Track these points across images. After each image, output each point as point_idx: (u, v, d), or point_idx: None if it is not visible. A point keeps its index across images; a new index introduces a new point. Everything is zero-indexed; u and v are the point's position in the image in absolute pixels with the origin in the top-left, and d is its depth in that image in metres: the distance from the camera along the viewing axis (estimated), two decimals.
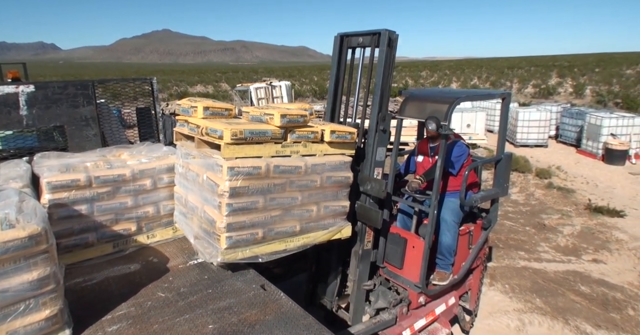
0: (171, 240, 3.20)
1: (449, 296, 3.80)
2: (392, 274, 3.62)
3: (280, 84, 16.45)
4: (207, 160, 2.76)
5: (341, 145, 3.08)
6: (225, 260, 2.66)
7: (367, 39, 3.38)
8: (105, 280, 2.61)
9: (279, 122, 2.73)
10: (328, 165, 2.98)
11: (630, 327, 4.38)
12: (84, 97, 4.03)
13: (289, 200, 2.85)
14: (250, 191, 2.64)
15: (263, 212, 2.74)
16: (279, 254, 2.89)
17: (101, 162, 2.94)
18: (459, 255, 3.67)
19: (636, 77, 35.50)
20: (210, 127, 2.69)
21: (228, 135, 2.54)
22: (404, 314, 3.47)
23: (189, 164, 2.96)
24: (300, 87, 36.86)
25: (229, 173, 2.55)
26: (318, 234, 3.05)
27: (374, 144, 3.30)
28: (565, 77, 38.83)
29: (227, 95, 28.95)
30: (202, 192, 2.81)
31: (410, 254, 3.45)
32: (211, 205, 2.71)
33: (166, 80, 50.76)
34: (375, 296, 3.67)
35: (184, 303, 2.33)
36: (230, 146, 2.58)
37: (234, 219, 2.63)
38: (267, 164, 2.67)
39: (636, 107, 17.22)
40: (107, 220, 2.90)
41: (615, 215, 7.30)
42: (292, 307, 2.33)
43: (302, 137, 2.88)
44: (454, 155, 3.57)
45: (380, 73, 3.22)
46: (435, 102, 3.30)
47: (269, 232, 2.80)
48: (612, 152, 10.61)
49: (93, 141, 4.05)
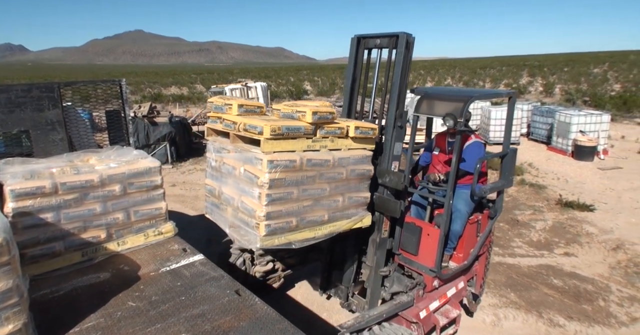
0: (143, 247, 3.12)
1: (459, 280, 4.04)
2: (408, 260, 3.83)
3: (256, 85, 16.32)
4: (244, 154, 2.98)
5: (363, 140, 3.33)
6: (263, 246, 2.92)
7: (385, 41, 3.57)
8: (73, 291, 2.53)
9: (311, 118, 2.96)
10: (352, 158, 3.23)
11: (602, 317, 4.51)
12: (50, 100, 3.88)
13: (319, 191, 3.10)
14: (286, 183, 2.89)
15: (296, 202, 2.99)
16: (308, 241, 3.14)
17: (68, 168, 2.84)
18: (468, 242, 3.92)
19: (603, 76, 36.81)
20: (249, 124, 2.90)
21: (268, 131, 2.76)
22: (420, 296, 3.71)
23: (224, 158, 3.19)
24: (277, 88, 36.73)
25: (269, 166, 2.79)
26: (342, 223, 3.32)
27: (392, 139, 3.49)
28: (535, 77, 39.93)
29: (202, 97, 28.60)
30: (239, 183, 3.05)
31: (425, 241, 3.68)
32: (250, 196, 2.94)
33: (139, 81, 49.82)
34: (390, 282, 3.89)
35: (155, 312, 2.27)
36: (270, 141, 2.81)
37: (272, 209, 2.87)
38: (300, 158, 2.92)
39: (603, 105, 17.80)
40: (75, 228, 2.80)
41: (585, 209, 7.52)
42: (267, 312, 2.29)
43: (330, 132, 3.13)
44: (473, 154, 3.78)
45: (398, 73, 3.40)
46: (450, 101, 3.49)
47: (301, 220, 3.05)
48: (581, 149, 10.93)
49: (59, 146, 3.91)
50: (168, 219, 3.34)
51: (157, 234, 3.23)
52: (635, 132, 14.13)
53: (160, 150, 11.11)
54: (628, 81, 31.53)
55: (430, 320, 3.70)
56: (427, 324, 3.66)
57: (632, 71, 40.26)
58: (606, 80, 33.82)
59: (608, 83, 31.61)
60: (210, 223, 7.79)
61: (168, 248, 3.13)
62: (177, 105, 24.97)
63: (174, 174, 10.56)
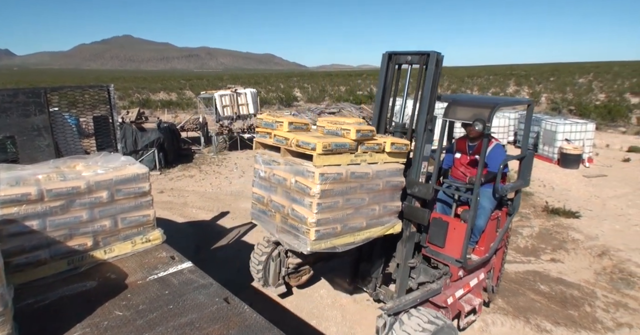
0: (130, 255, 3.07)
1: (480, 272, 4.42)
2: (435, 253, 4.18)
3: (246, 92, 16.29)
4: (295, 167, 3.39)
5: (397, 154, 3.73)
6: (312, 250, 3.34)
7: (416, 58, 3.93)
8: (59, 300, 2.48)
9: (355, 136, 3.34)
10: (387, 171, 3.64)
11: (588, 322, 4.57)
12: (36, 106, 3.83)
13: (359, 201, 3.51)
14: (333, 193, 3.30)
15: (341, 210, 3.40)
16: (349, 246, 3.54)
17: (54, 174, 2.80)
18: (488, 237, 4.27)
19: (588, 86, 37.51)
20: (302, 140, 3.29)
21: (320, 147, 3.16)
22: (446, 285, 4.08)
23: (273, 169, 3.60)
24: (267, 94, 36.74)
25: (320, 178, 3.20)
26: (377, 229, 3.72)
27: (422, 142, 3.83)
28: (522, 86, 40.53)
29: (192, 103, 28.47)
30: (290, 193, 3.44)
31: (452, 235, 4.04)
32: (300, 204, 3.34)
33: (127, 87, 49.43)
34: (417, 273, 4.24)
35: (143, 321, 2.24)
36: (321, 156, 3.20)
37: (321, 216, 3.28)
38: (346, 171, 3.33)
39: (588, 114, 18.12)
40: (61, 236, 2.75)
41: (571, 216, 7.62)
42: (256, 319, 2.27)
43: (370, 148, 3.51)
44: (497, 156, 4.15)
45: (429, 86, 3.76)
46: (478, 107, 3.82)
47: (344, 227, 3.46)
48: (566, 157, 11.10)
49: (46, 152, 3.86)
50: (156, 226, 3.30)
51: (144, 242, 3.19)
52: (619, 141, 14.41)
53: (149, 156, 11.02)
54: (612, 91, 32.17)
55: (456, 306, 4.09)
56: (454, 309, 4.05)
57: (616, 81, 41.09)
58: (591, 90, 34.46)
59: (593, 93, 32.21)
60: (199, 230, 7.77)
61: (156, 256, 3.09)
62: (165, 111, 24.82)
63: (162, 180, 10.47)
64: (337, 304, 4.90)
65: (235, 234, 6.91)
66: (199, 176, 10.85)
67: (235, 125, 14.11)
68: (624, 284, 5.37)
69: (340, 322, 4.56)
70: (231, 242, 6.63)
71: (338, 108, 17.57)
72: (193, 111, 23.62)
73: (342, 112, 15.92)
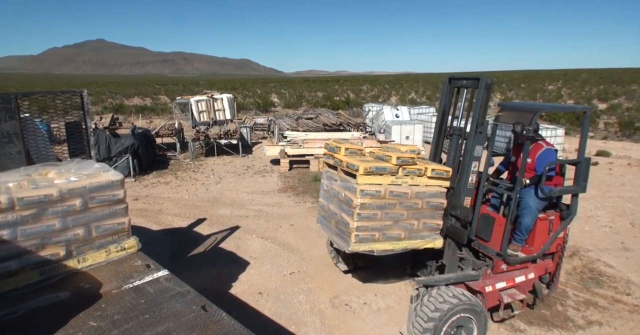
0: (104, 264, 3.01)
1: (529, 271, 4.57)
2: (481, 246, 4.54)
3: (222, 97, 16.19)
4: (345, 183, 4.31)
5: (439, 179, 4.32)
6: (352, 250, 4.23)
7: (470, 82, 4.52)
8: (30, 312, 2.41)
9: (395, 162, 4.12)
10: (428, 193, 4.29)
11: (560, 321, 4.70)
12: (6, 112, 3.72)
13: (398, 216, 4.24)
14: (372, 206, 4.12)
15: (379, 221, 4.19)
16: (387, 252, 4.32)
17: (25, 182, 2.73)
18: (539, 238, 4.49)
19: (557, 93, 38.79)
20: (350, 162, 4.22)
21: (362, 169, 4.03)
22: (487, 274, 4.42)
23: (332, 185, 4.57)
24: (244, 99, 36.57)
25: (361, 193, 4.06)
26: (416, 242, 4.40)
27: (473, 143, 4.31)
28: (494, 92, 41.54)
29: (167, 108, 28.09)
30: (341, 204, 4.37)
31: (497, 230, 4.40)
32: (346, 213, 4.26)
33: (100, 92, 48.40)
34: (466, 263, 4.67)
35: (118, 332, 2.20)
36: (363, 176, 4.05)
37: (361, 224, 4.14)
38: (385, 189, 4.10)
39: (558, 120, 18.70)
40: (33, 246, 2.68)
41: None
42: (234, 326, 2.26)
43: (411, 172, 4.20)
44: (545, 159, 4.37)
45: (478, 105, 4.32)
46: (524, 111, 4.33)
47: (382, 235, 4.24)
48: None
49: (16, 159, 3.75)
50: (131, 234, 3.25)
51: (119, 250, 3.13)
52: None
53: (123, 163, 10.81)
54: (580, 98, 33.37)
55: (495, 296, 4.29)
56: (492, 298, 4.27)
57: (584, 88, 42.63)
58: (560, 96, 35.66)
59: (562, 99, 33.35)
60: (175, 237, 7.65)
61: (131, 264, 3.04)
62: (140, 117, 24.39)
63: (137, 187, 10.28)
64: (316, 310, 4.91)
65: (212, 241, 6.84)
66: (175, 183, 10.70)
67: (212, 131, 13.98)
68: (593, 283, 5.54)
69: (319, 328, 4.57)
70: (208, 249, 6.56)
71: (315, 113, 17.62)
72: (168, 117, 23.28)
73: (320, 118, 15.98)
